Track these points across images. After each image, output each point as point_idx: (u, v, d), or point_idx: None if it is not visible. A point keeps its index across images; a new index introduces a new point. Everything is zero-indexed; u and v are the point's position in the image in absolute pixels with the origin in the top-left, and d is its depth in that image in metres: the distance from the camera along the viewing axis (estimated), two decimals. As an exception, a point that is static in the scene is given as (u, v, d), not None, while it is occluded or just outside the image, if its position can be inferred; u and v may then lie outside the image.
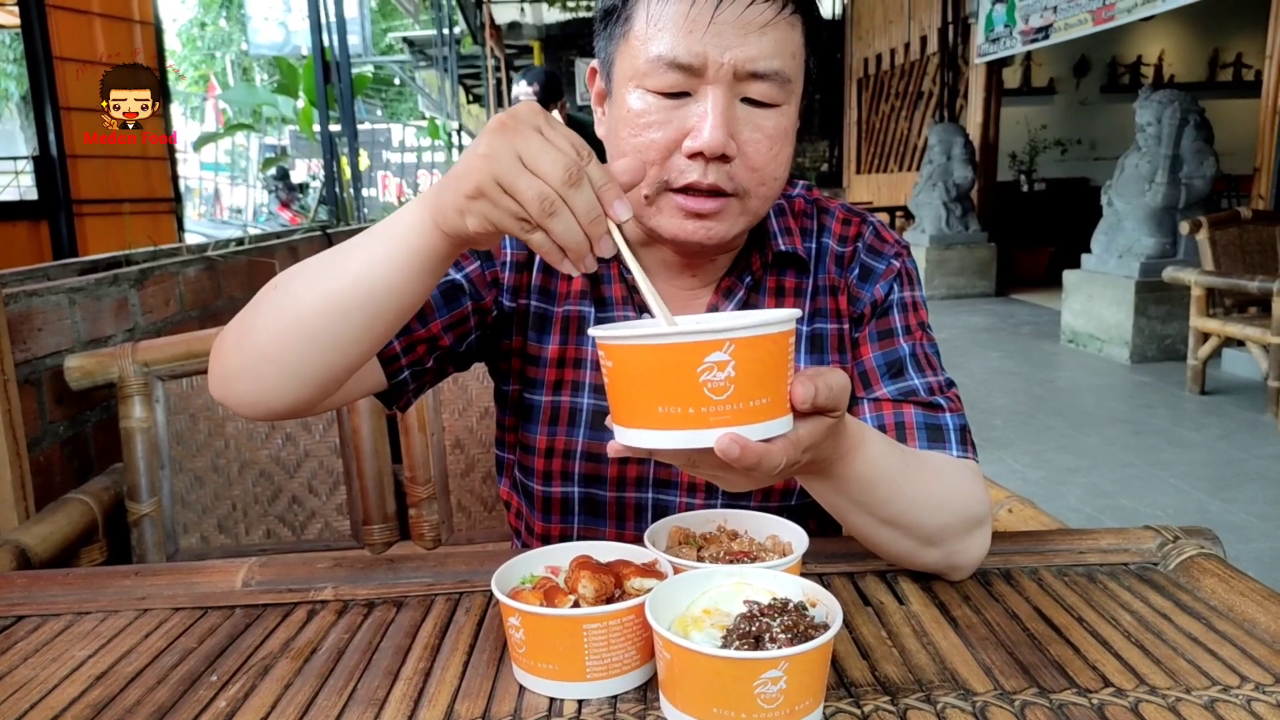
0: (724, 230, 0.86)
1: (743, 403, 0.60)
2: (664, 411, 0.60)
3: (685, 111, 0.82)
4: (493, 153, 0.64)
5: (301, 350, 0.77)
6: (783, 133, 0.85)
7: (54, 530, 1.29)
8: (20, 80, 11.97)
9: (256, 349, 0.79)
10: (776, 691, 0.58)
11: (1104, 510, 3.37)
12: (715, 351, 0.58)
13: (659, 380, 0.60)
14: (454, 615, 0.82)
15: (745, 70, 0.81)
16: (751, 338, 0.59)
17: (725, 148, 0.81)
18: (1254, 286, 4.36)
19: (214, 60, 22.82)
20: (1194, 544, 0.90)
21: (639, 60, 0.83)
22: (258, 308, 0.80)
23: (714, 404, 0.59)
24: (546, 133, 0.64)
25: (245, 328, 0.80)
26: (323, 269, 0.77)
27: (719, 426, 0.60)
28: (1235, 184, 8.68)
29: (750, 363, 0.59)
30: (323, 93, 5.43)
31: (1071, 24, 7.36)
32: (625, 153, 0.85)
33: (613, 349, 0.62)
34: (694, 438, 0.60)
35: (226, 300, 2.29)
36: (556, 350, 0.97)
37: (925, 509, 0.80)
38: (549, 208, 0.63)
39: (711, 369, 0.58)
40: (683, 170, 0.83)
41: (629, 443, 0.63)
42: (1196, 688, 0.67)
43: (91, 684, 0.72)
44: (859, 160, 12.66)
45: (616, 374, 0.63)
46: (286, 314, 0.77)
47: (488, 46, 12.74)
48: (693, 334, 0.59)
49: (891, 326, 0.96)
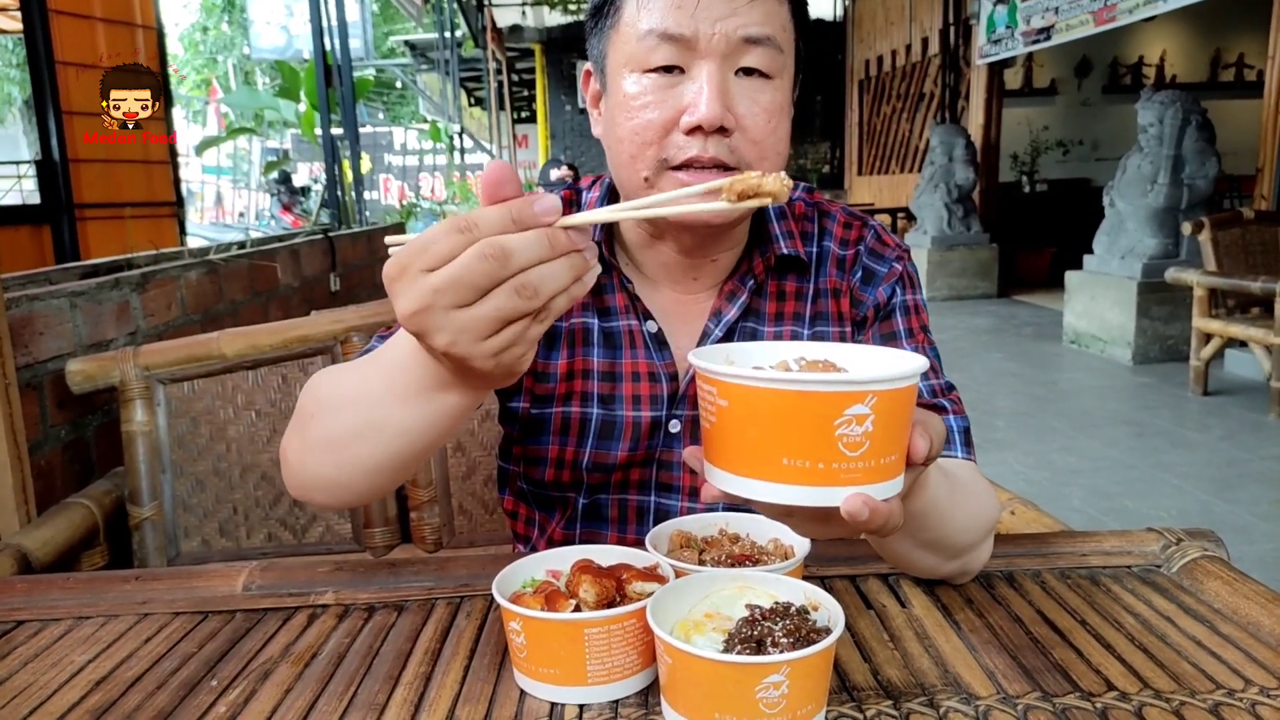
0: (728, 209, 0.85)
1: (875, 460, 0.55)
2: (789, 464, 0.55)
3: (680, 89, 0.82)
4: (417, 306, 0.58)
5: (369, 471, 0.76)
6: (779, 107, 0.84)
7: (55, 534, 1.29)
8: (23, 85, 12.00)
9: (320, 475, 0.78)
10: (778, 696, 0.58)
11: (1107, 512, 3.37)
12: (857, 404, 0.53)
13: (788, 430, 0.54)
14: (455, 619, 0.81)
15: (738, 37, 0.81)
16: (893, 390, 0.54)
17: (723, 119, 0.80)
18: (1256, 287, 4.35)
19: (216, 64, 22.87)
20: (1197, 546, 0.89)
21: (631, 43, 0.83)
22: (307, 432, 0.78)
23: (847, 460, 0.54)
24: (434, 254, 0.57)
25: (303, 457, 0.79)
26: (366, 419, 0.74)
27: (848, 485, 0.55)
28: (1237, 184, 8.68)
29: (887, 416, 0.54)
30: (324, 96, 5.43)
31: (1073, 25, 7.36)
32: (622, 139, 0.85)
33: (731, 388, 0.56)
34: (821, 495, 0.55)
35: (228, 304, 2.29)
36: (565, 365, 0.97)
37: (962, 530, 0.79)
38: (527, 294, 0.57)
39: (850, 422, 0.53)
40: (682, 147, 0.82)
41: (736, 491, 0.57)
42: (1201, 691, 0.66)
43: (91, 689, 0.72)
44: (860, 162, 12.66)
45: (732, 416, 0.56)
46: (346, 449, 0.75)
47: (489, 50, 12.76)
48: (834, 383, 0.54)
49: (895, 329, 0.96)
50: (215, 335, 1.46)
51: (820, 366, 0.62)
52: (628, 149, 0.85)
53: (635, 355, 0.97)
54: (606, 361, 0.97)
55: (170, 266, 2.04)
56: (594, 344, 0.97)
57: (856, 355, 0.64)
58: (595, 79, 0.92)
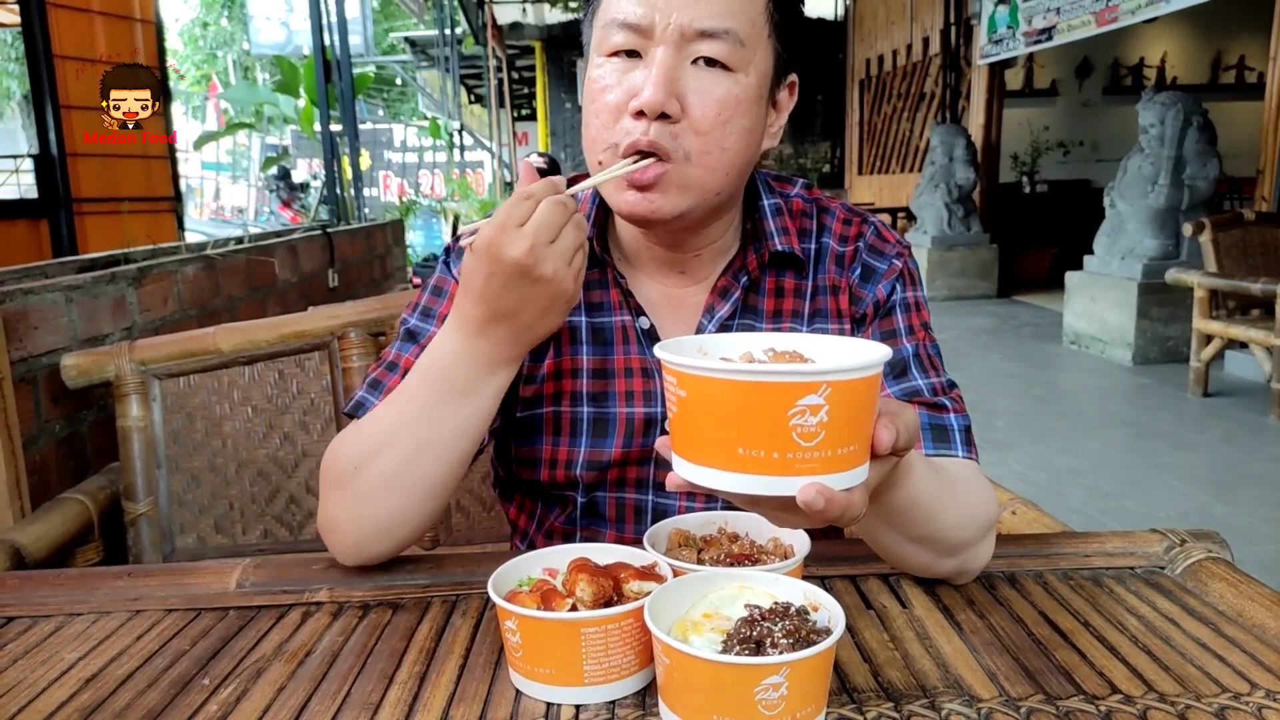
0: (666, 204, 0.84)
1: (831, 450, 0.55)
2: (744, 454, 0.55)
3: (634, 74, 0.83)
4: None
5: (434, 487, 0.84)
6: (735, 101, 0.83)
7: (49, 530, 1.28)
8: (21, 79, 11.98)
9: (383, 519, 0.85)
10: (778, 698, 0.57)
11: (1107, 513, 3.36)
12: (810, 394, 0.53)
13: (743, 420, 0.55)
14: (450, 618, 0.81)
15: (693, 29, 0.81)
16: (849, 381, 0.54)
17: (665, 105, 0.80)
18: (1257, 288, 4.35)
19: (215, 60, 22.84)
20: (1201, 547, 0.89)
21: (599, 30, 0.85)
22: (358, 488, 0.84)
23: (802, 450, 0.55)
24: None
25: (359, 512, 0.85)
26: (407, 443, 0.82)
27: (804, 475, 0.55)
28: (1238, 186, 8.66)
29: (843, 407, 0.55)
30: (324, 92, 5.41)
31: (1075, 25, 7.35)
32: (587, 123, 0.87)
33: (689, 379, 0.57)
34: (776, 484, 0.55)
35: (225, 299, 2.28)
36: (552, 364, 0.97)
37: (955, 527, 0.78)
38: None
39: (804, 413, 0.54)
40: (629, 131, 0.82)
41: (696, 480, 0.58)
42: (1206, 695, 0.66)
43: (81, 686, 0.71)
44: (861, 161, 12.65)
45: (690, 406, 0.57)
46: (401, 489, 0.83)
47: (489, 47, 12.75)
48: (787, 373, 0.54)
49: (895, 327, 0.95)
50: (212, 330, 1.45)
51: (788, 358, 0.62)
52: (590, 132, 0.87)
53: (628, 351, 0.96)
54: (597, 359, 0.96)
55: (167, 261, 2.03)
56: (582, 341, 0.97)
57: (825, 346, 0.65)
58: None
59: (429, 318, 0.96)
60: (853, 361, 0.55)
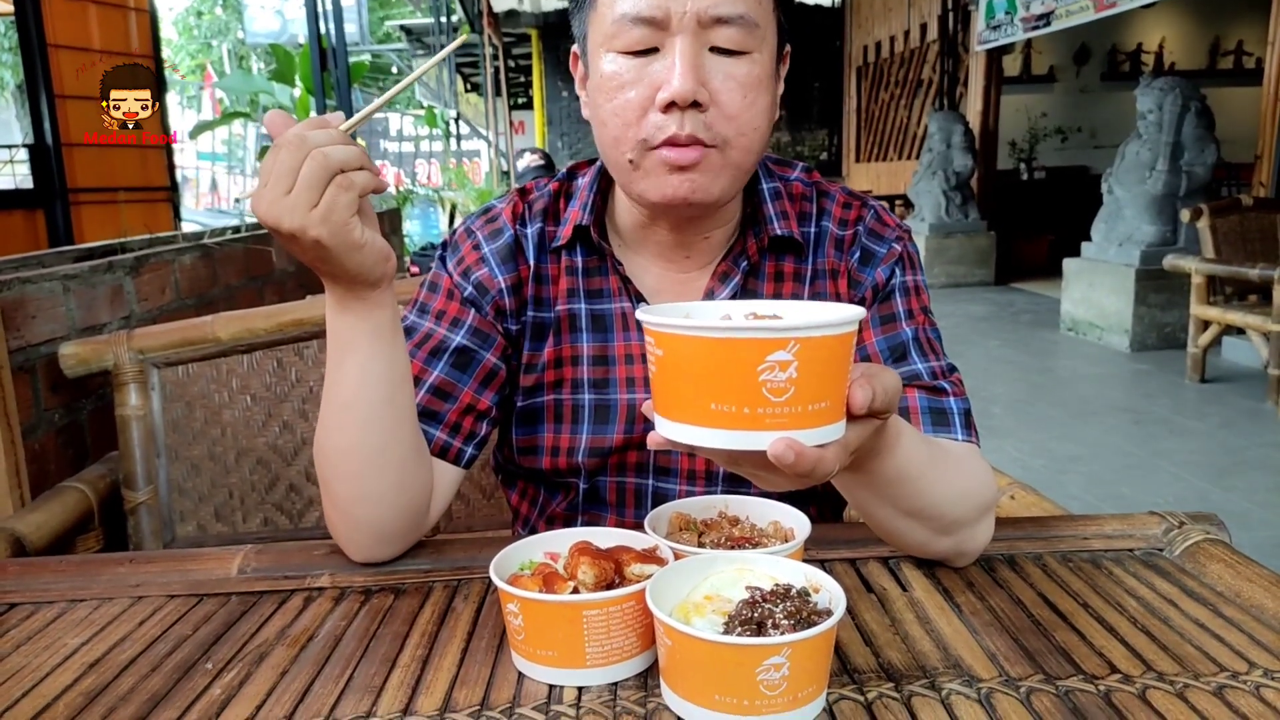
0: (708, 184, 0.84)
1: (801, 406, 0.57)
2: (716, 409, 0.57)
3: (655, 67, 0.82)
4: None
5: (387, 435, 0.83)
6: (756, 80, 0.83)
7: (49, 518, 1.28)
8: (15, 68, 11.91)
9: (352, 506, 0.85)
10: (779, 678, 0.57)
11: (1104, 499, 3.37)
12: (778, 350, 0.55)
13: (714, 376, 0.56)
14: (452, 602, 0.81)
15: (709, 16, 0.80)
16: (817, 338, 0.56)
17: (695, 94, 0.80)
18: (1254, 274, 4.35)
19: (210, 49, 22.73)
20: (1200, 529, 0.89)
21: (606, 23, 0.83)
22: (326, 481, 0.85)
23: (772, 405, 0.56)
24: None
25: (334, 502, 0.86)
26: (327, 417, 0.83)
27: (774, 429, 0.56)
28: (1236, 172, 8.64)
29: (813, 364, 0.56)
30: (319, 81, 5.40)
31: (1073, 11, 7.33)
32: (605, 121, 0.85)
33: (664, 337, 0.58)
34: (747, 439, 0.57)
35: (223, 288, 2.27)
36: (552, 352, 0.97)
37: (947, 501, 0.79)
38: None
39: (773, 368, 0.55)
40: (660, 126, 0.82)
41: (673, 437, 0.60)
42: (1205, 674, 0.66)
43: (84, 672, 0.71)
44: (858, 149, 12.62)
45: (666, 364, 0.59)
46: (345, 461, 0.83)
47: (485, 35, 12.70)
48: (755, 330, 0.56)
49: (894, 310, 0.95)
50: (210, 319, 1.45)
51: (768, 320, 0.64)
52: (611, 131, 0.85)
53: (629, 338, 0.96)
54: (597, 346, 0.96)
55: (164, 250, 2.02)
56: (582, 329, 0.97)
57: (806, 311, 0.66)
58: (580, 61, 0.91)
59: (424, 314, 0.97)
60: (820, 319, 0.57)
